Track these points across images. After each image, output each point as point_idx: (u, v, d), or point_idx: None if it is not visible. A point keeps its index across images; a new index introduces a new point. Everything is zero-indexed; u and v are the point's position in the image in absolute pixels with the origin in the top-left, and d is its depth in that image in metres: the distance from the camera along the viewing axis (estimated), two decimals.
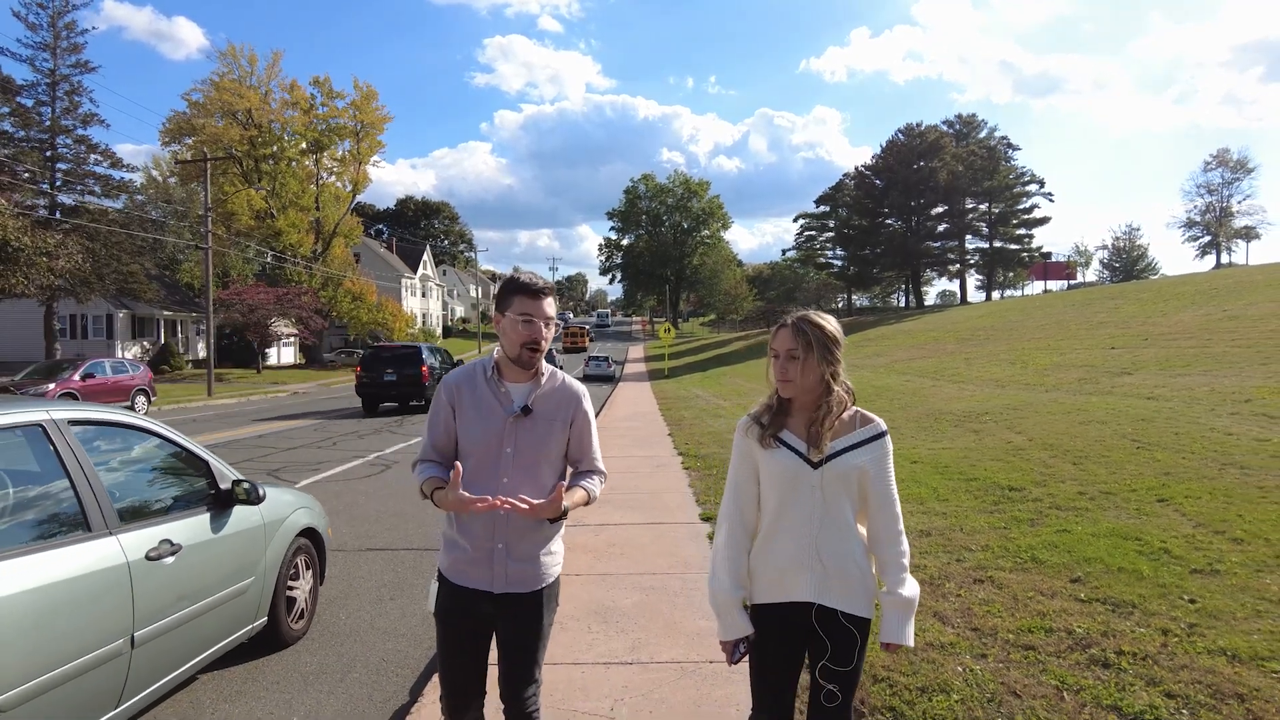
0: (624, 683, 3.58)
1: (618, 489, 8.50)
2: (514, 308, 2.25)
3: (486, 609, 2.29)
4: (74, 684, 2.65)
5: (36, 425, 2.87)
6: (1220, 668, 3.42)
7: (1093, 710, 3.13)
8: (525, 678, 2.30)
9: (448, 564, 2.33)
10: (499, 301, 2.31)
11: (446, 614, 2.32)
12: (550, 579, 2.36)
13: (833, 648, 2.04)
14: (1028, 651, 3.74)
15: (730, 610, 2.09)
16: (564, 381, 2.39)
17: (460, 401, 2.31)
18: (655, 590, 4.95)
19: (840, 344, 2.08)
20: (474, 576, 2.28)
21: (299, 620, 4.41)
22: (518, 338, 2.24)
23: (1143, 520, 5.91)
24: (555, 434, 2.32)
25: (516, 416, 2.27)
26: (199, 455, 3.75)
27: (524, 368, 2.30)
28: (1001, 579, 4.82)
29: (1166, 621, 3.98)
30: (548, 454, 2.31)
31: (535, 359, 2.29)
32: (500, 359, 2.33)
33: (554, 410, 2.33)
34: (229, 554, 3.69)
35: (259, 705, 3.64)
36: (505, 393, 2.30)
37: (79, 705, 2.70)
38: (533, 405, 2.29)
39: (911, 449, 10.12)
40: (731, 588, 2.09)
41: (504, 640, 2.32)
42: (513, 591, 2.28)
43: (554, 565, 2.38)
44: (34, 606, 2.52)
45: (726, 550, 2.12)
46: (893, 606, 2.08)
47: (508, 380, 2.32)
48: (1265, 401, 10.22)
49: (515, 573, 2.28)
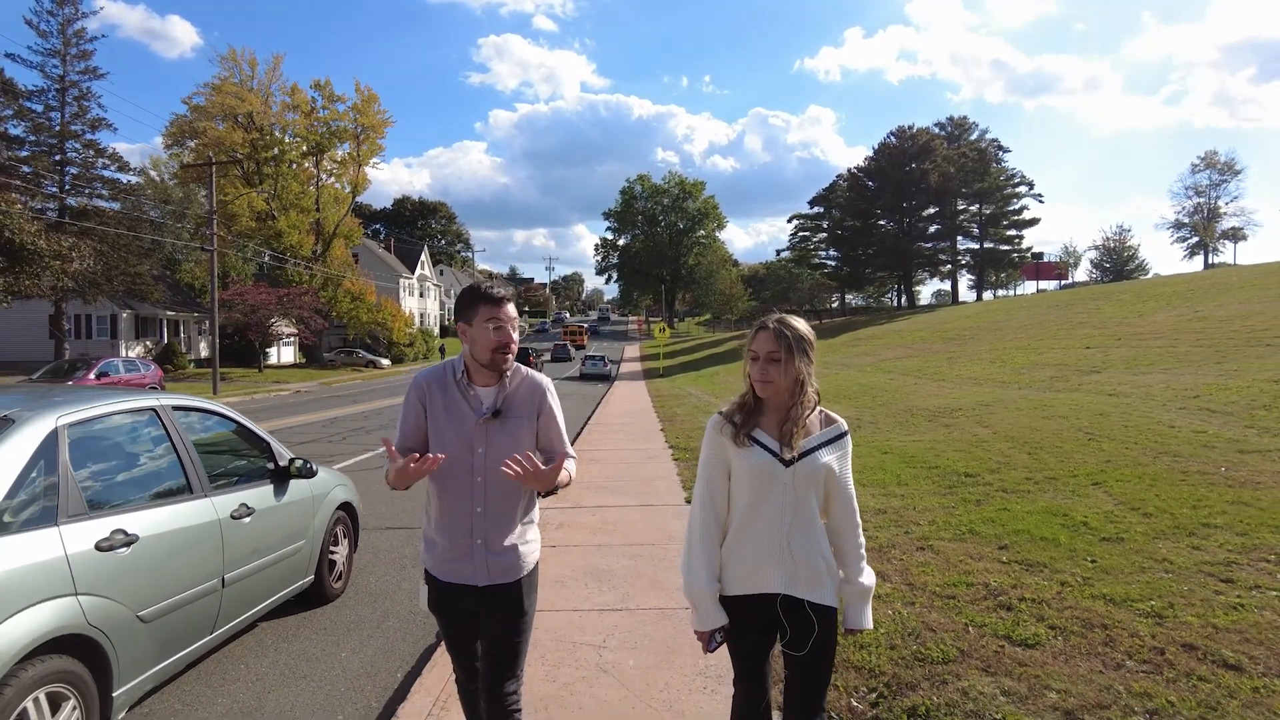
0: (614, 624, 4.36)
1: (613, 477, 9.28)
2: (481, 315, 2.31)
3: (472, 604, 2.39)
4: (186, 609, 3.42)
5: (150, 409, 3.64)
6: (1097, 608, 4.21)
7: (989, 639, 3.91)
8: (507, 672, 2.37)
9: (432, 562, 2.42)
10: (462, 312, 2.36)
11: (441, 607, 2.43)
12: (529, 567, 2.45)
13: (791, 633, 2.16)
14: (949, 600, 4.52)
15: (706, 602, 2.16)
16: (528, 377, 2.46)
17: (432, 402, 2.38)
18: (643, 557, 5.73)
19: (813, 345, 2.17)
20: (457, 572, 2.37)
21: (338, 580, 5.17)
22: (489, 343, 2.31)
23: (1074, 500, 6.70)
24: (525, 431, 2.41)
25: (487, 419, 2.35)
26: (261, 436, 4.51)
27: (495, 371, 2.36)
28: (940, 547, 5.61)
29: (1067, 576, 4.77)
30: (519, 451, 2.34)
31: (506, 362, 2.36)
32: (469, 363, 2.38)
33: (522, 408, 2.41)
34: (287, 519, 4.46)
35: (312, 644, 4.41)
36: (475, 396, 2.37)
37: (189, 626, 3.47)
38: (501, 407, 2.38)
39: (885, 441, 10.91)
40: (708, 581, 2.16)
41: (488, 633, 2.41)
42: (496, 583, 2.37)
43: (532, 554, 2.46)
44: (161, 546, 3.29)
45: (701, 545, 2.19)
46: (854, 595, 2.24)
47: (476, 383, 2.38)
48: (1210, 397, 11.04)
49: (496, 565, 2.36)
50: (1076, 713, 3.13)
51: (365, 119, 46.29)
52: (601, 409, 20.45)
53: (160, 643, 3.25)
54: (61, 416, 3.04)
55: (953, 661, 3.67)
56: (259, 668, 4.06)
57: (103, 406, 3.33)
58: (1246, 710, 3.06)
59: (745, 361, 2.19)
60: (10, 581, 2.53)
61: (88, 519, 2.96)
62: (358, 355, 49.32)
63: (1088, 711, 3.14)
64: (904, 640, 3.95)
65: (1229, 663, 3.47)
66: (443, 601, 2.41)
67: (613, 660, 3.85)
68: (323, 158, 47.08)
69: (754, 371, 2.14)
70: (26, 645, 2.51)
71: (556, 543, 6.22)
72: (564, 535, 6.50)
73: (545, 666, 3.78)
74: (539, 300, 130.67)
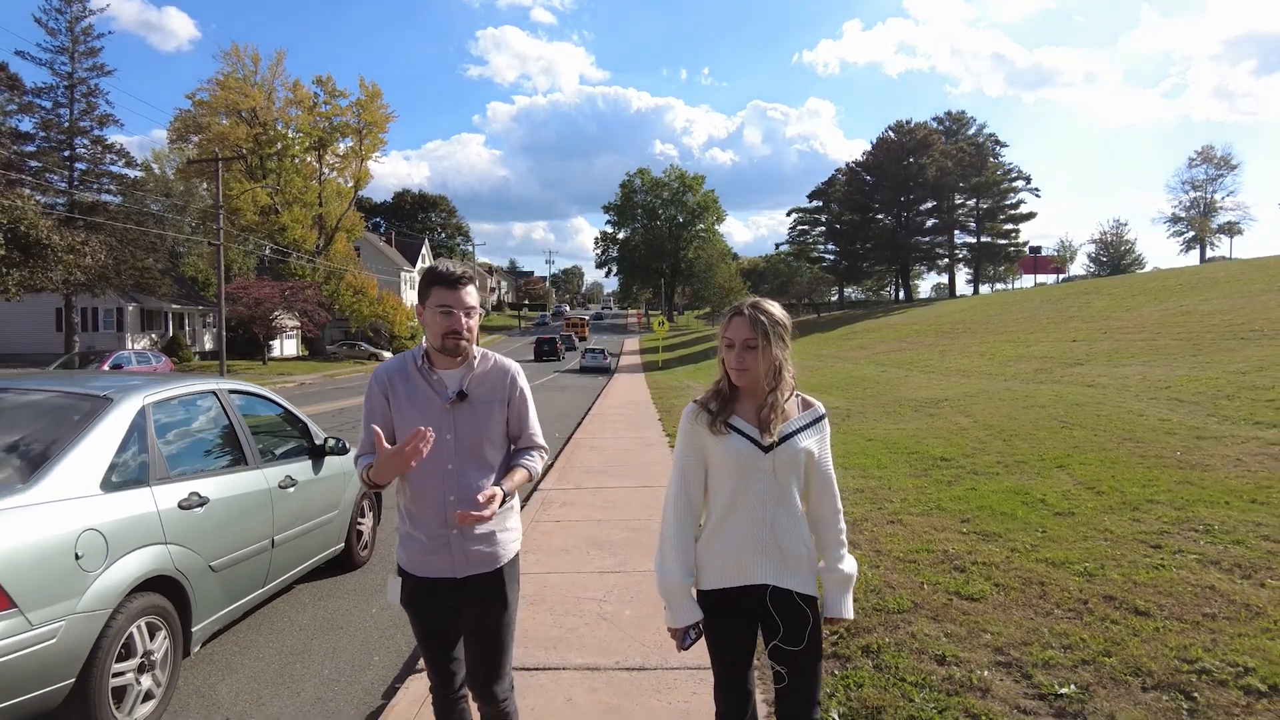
0: (613, 584, 4.93)
1: (613, 463, 9.86)
2: (432, 299, 2.23)
3: (450, 600, 2.31)
4: (245, 564, 3.99)
5: (211, 392, 4.20)
6: (1039, 569, 4.78)
7: (940, 594, 4.48)
8: (495, 671, 2.34)
9: (407, 558, 2.33)
10: (420, 292, 2.30)
11: (416, 604, 2.33)
12: (510, 555, 2.38)
13: (785, 628, 2.08)
14: (910, 564, 5.09)
15: (680, 597, 2.10)
16: (496, 362, 2.39)
17: (394, 392, 2.30)
18: (639, 530, 6.30)
19: (789, 330, 2.12)
20: (435, 565, 2.29)
21: (365, 549, 5.74)
22: (438, 328, 2.24)
23: (1037, 480, 7.26)
24: (495, 416, 2.34)
25: (453, 403, 2.28)
26: (300, 417, 5.08)
27: (451, 356, 2.29)
28: (908, 521, 6.18)
29: (1017, 544, 5.34)
30: (490, 436, 2.33)
31: (460, 348, 2.27)
32: (429, 348, 2.33)
33: (490, 392, 2.34)
34: (323, 492, 5.02)
35: (345, 602, 4.98)
36: (438, 380, 2.30)
37: (247, 578, 4.05)
38: (467, 389, 2.30)
39: (870, 430, 11.49)
40: (681, 575, 2.10)
41: (471, 629, 2.35)
42: (475, 573, 2.30)
43: (512, 541, 2.40)
44: (226, 508, 3.85)
45: (676, 539, 2.12)
46: (834, 582, 2.15)
47: (439, 368, 2.32)
48: (1180, 388, 11.60)
49: (475, 554, 2.29)
50: (1005, 649, 3.70)
51: (368, 114, 46.71)
52: (601, 400, 21.01)
53: (226, 590, 3.82)
54: (147, 396, 3.60)
55: (906, 611, 4.24)
56: (300, 620, 4.64)
57: (177, 389, 3.90)
58: (1144, 644, 3.63)
59: (720, 348, 2.14)
60: (121, 528, 3.09)
61: (171, 482, 3.52)
62: (360, 348, 49.84)
63: (1014, 647, 3.71)
64: (865, 595, 4.51)
65: (1140, 610, 4.04)
66: (418, 597, 2.31)
67: (611, 611, 4.42)
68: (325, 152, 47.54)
69: (730, 359, 2.09)
70: (133, 581, 3.07)
71: (560, 518, 6.78)
72: (567, 512, 7.06)
73: (553, 616, 4.35)
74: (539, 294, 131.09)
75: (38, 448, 3.09)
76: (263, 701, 3.61)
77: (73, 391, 3.56)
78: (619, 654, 3.82)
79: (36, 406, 3.44)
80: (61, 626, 2.74)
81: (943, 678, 3.42)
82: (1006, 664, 3.56)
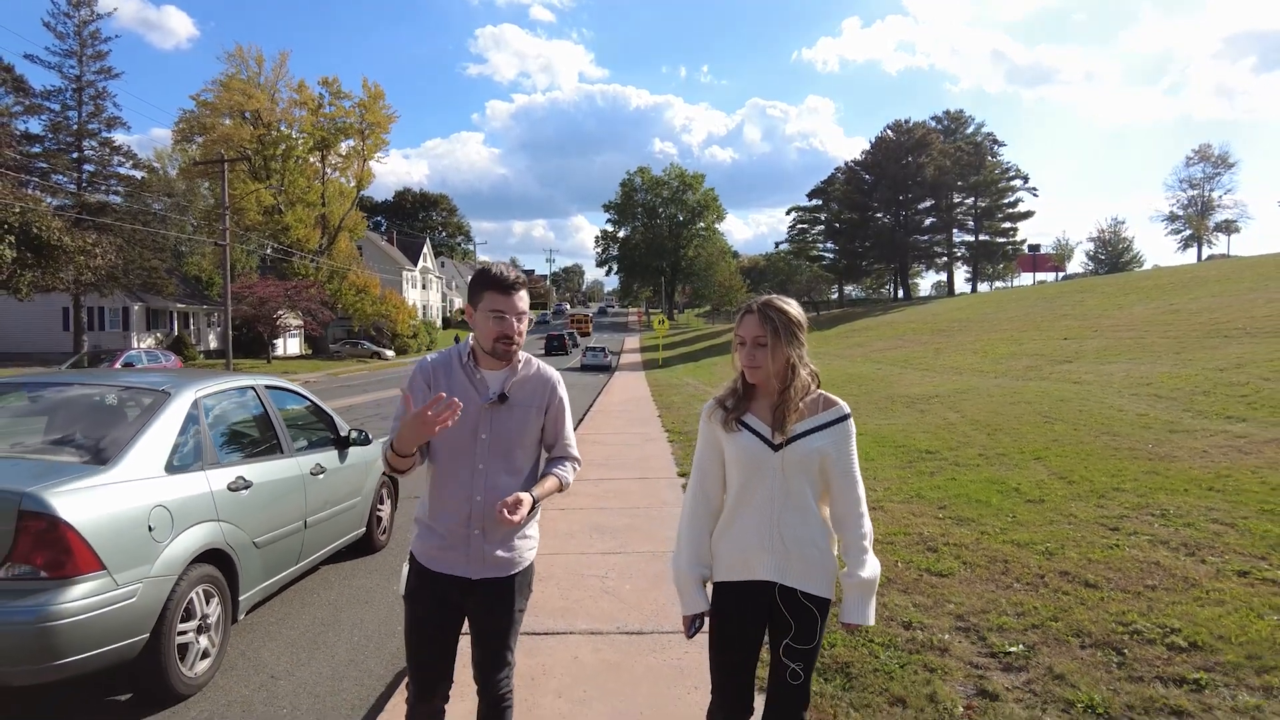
0: (613, 564, 5.37)
1: (614, 456, 10.30)
2: (485, 303, 2.24)
3: (456, 597, 2.30)
4: (282, 542, 4.43)
5: (250, 387, 4.64)
6: (1004, 549, 5.22)
7: (912, 570, 4.92)
8: (499, 663, 2.34)
9: (421, 549, 2.33)
10: (471, 293, 2.30)
11: (420, 598, 2.32)
12: (525, 563, 2.37)
13: (796, 627, 2.08)
14: (887, 545, 5.53)
15: (689, 586, 2.14)
16: (539, 369, 2.41)
17: (437, 385, 2.29)
18: (639, 516, 6.74)
19: (804, 327, 2.12)
20: (448, 562, 2.28)
21: (383, 534, 6.17)
22: (490, 333, 2.25)
23: (1014, 471, 7.70)
24: (531, 421, 2.35)
25: (492, 403, 2.29)
26: (326, 410, 5.51)
27: (500, 359, 2.31)
28: (890, 508, 6.61)
29: (988, 528, 5.78)
30: (523, 440, 2.33)
31: (510, 352, 2.29)
32: (475, 347, 2.34)
33: (529, 397, 2.35)
34: (348, 479, 5.45)
35: (368, 581, 5.41)
36: (481, 379, 2.31)
37: (284, 555, 4.48)
38: (508, 393, 2.31)
39: (862, 425, 11.75)
40: (689, 565, 2.15)
41: (478, 627, 2.35)
42: (490, 576, 2.30)
43: (529, 549, 2.40)
44: (266, 491, 4.29)
45: (689, 530, 2.18)
46: (853, 588, 2.10)
47: (484, 368, 2.33)
48: (1161, 385, 12.03)
49: (493, 557, 2.29)
50: (965, 616, 4.14)
51: (371, 115, 47.17)
52: (603, 397, 21.45)
53: (267, 565, 4.25)
54: (199, 390, 4.04)
55: (879, 586, 4.67)
56: (329, 596, 5.07)
57: (223, 384, 4.34)
58: (1088, 611, 4.07)
59: (734, 346, 2.17)
60: (183, 506, 3.53)
61: (220, 467, 3.96)
62: (362, 346, 50.29)
63: (974, 615, 4.14)
64: None
65: (1090, 583, 4.48)
66: (423, 591, 2.31)
67: (613, 585, 4.86)
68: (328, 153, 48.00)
69: (742, 356, 2.12)
70: (193, 552, 3.51)
71: (564, 506, 7.22)
72: (570, 501, 7.50)
73: (560, 590, 4.78)
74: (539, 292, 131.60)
75: (113, 434, 3.53)
76: (302, 663, 4.04)
77: (134, 386, 4.00)
78: (620, 620, 4.26)
79: (105, 398, 3.89)
80: (140, 588, 3.18)
81: (907, 639, 3.86)
82: (965, 629, 3.99)
